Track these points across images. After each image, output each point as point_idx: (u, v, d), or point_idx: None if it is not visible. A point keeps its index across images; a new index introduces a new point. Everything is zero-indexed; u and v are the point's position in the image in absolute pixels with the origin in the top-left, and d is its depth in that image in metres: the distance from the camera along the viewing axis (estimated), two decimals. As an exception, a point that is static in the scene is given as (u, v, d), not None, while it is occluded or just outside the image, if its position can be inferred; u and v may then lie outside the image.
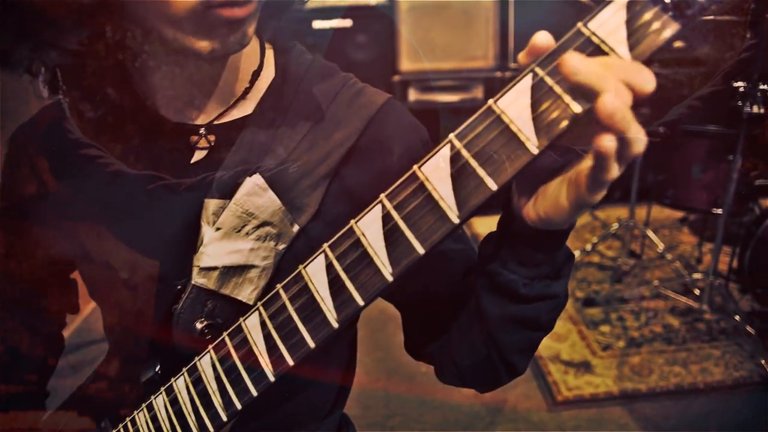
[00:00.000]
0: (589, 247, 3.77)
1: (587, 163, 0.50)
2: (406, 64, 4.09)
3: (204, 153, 0.78)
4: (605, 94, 0.45)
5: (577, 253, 3.74)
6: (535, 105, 0.51)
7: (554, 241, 0.62)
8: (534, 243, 0.62)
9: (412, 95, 4.17)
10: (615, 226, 3.70)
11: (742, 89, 2.73)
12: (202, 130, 0.77)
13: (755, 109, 2.62)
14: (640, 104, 0.50)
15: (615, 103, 0.44)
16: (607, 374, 2.84)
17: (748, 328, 2.96)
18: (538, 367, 2.88)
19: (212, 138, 0.77)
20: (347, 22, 3.84)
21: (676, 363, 2.89)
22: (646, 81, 0.45)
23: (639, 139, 0.47)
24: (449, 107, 4.14)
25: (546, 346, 3.03)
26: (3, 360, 0.94)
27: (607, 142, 0.46)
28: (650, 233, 3.55)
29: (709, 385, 2.73)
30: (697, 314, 3.19)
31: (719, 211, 2.99)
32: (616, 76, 0.45)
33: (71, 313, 1.07)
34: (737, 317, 3.02)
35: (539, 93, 0.50)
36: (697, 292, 3.29)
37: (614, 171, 0.48)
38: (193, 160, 0.78)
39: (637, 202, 3.52)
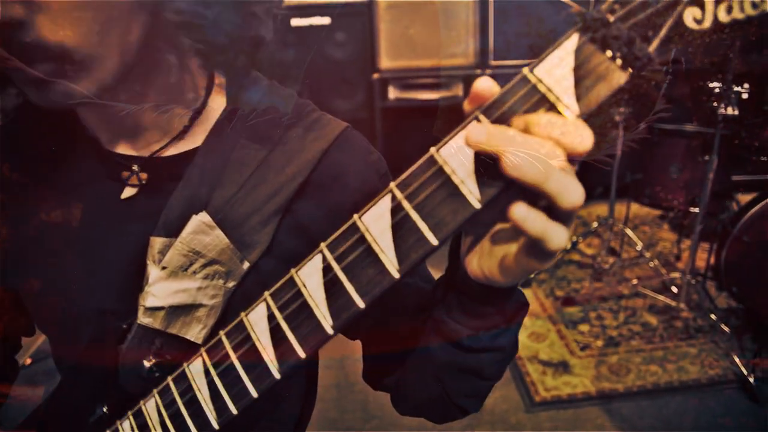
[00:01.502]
0: (568, 245, 3.79)
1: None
2: (385, 61, 4.06)
3: (134, 190, 0.75)
4: (514, 205, 0.45)
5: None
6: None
7: (501, 296, 0.60)
8: (479, 297, 0.60)
9: (392, 93, 4.15)
10: (595, 224, 3.72)
11: (717, 90, 2.75)
12: (135, 167, 0.75)
13: (730, 110, 2.64)
14: (576, 160, 0.49)
15: (521, 212, 0.45)
16: (585, 374, 2.86)
17: (723, 326, 3.00)
18: (516, 368, 2.89)
19: (144, 176, 0.75)
20: (326, 20, 3.80)
21: (653, 362, 2.92)
22: (581, 141, 0.44)
23: (560, 232, 0.46)
24: (429, 105, 4.12)
25: (525, 346, 3.05)
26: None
27: (530, 225, 0.45)
28: (629, 232, 3.57)
29: (684, 383, 2.76)
30: (675, 312, 3.22)
31: (696, 209, 3.02)
32: (551, 133, 0.44)
33: (26, 336, 1.05)
34: (713, 315, 3.05)
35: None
36: (675, 289, 3.32)
37: (553, 244, 0.46)
38: (123, 196, 0.75)
39: (617, 199, 3.54)
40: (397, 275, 0.51)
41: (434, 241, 0.50)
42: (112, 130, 0.74)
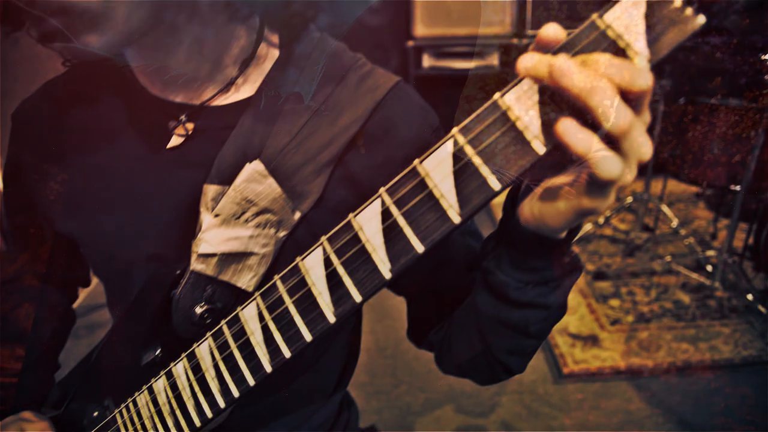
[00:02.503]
0: (601, 220, 3.73)
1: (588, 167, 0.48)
2: (420, 29, 4.00)
3: (180, 140, 0.75)
4: (560, 120, 0.44)
5: (589, 226, 3.70)
6: (543, 102, 0.48)
7: (551, 249, 0.59)
8: (529, 247, 0.59)
9: (426, 61, 4.09)
10: (629, 199, 3.65)
11: (768, 62, 2.64)
12: (182, 116, 0.75)
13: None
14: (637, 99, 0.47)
15: (567, 125, 0.44)
16: (615, 348, 2.84)
17: (760, 307, 2.93)
18: (545, 340, 2.89)
19: (190, 126, 0.75)
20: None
21: (685, 339, 2.88)
22: (640, 80, 0.42)
23: (608, 158, 0.45)
24: (463, 74, 4.06)
25: (554, 319, 3.04)
26: (15, 332, 0.95)
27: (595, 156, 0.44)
28: (665, 208, 3.50)
29: (716, 362, 2.73)
30: (709, 291, 3.16)
31: (737, 187, 2.93)
32: (608, 72, 0.43)
33: (82, 286, 1.08)
34: (750, 296, 2.99)
35: (548, 91, 0.48)
36: (709, 268, 3.25)
37: (607, 174, 0.45)
38: (169, 145, 0.75)
39: (654, 175, 3.46)
40: (457, 219, 0.50)
41: (496, 186, 0.49)
42: (161, 79, 0.74)
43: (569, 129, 0.44)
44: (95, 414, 0.80)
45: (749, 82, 2.80)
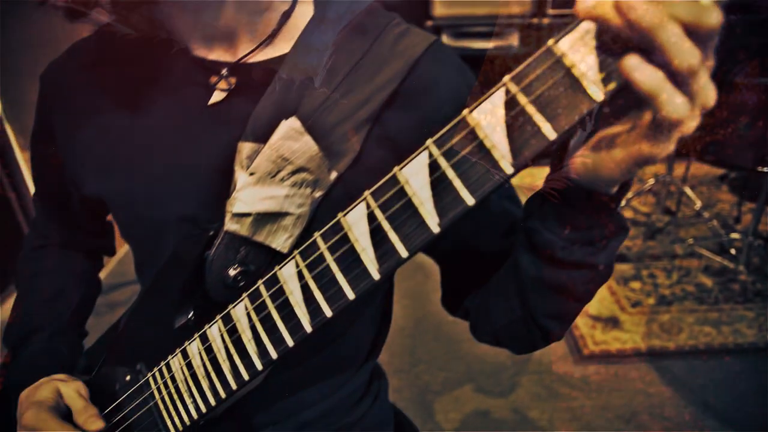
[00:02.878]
0: (623, 202, 3.68)
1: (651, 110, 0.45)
2: (439, 8, 3.94)
3: (223, 95, 0.74)
4: (626, 56, 0.42)
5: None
6: (600, 48, 0.46)
7: (601, 206, 0.57)
8: (578, 204, 0.57)
9: (445, 41, 4.03)
10: (651, 181, 3.59)
11: (800, 39, 2.56)
12: (223, 71, 0.73)
13: (813, 60, 2.46)
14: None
15: (633, 62, 0.42)
16: (635, 331, 2.81)
17: (785, 290, 2.89)
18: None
19: (233, 81, 0.73)
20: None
21: (707, 323, 2.84)
22: (712, 16, 0.40)
23: (676, 96, 0.43)
24: (482, 54, 4.00)
25: (574, 300, 3.01)
26: (43, 298, 0.95)
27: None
28: (688, 190, 3.44)
29: (740, 346, 2.69)
30: (732, 275, 3.11)
31: (765, 169, 2.87)
32: (673, 11, 0.40)
33: (107, 255, 1.08)
34: (775, 279, 2.94)
35: (606, 35, 0.45)
36: (733, 252, 3.20)
37: (674, 113, 0.43)
38: (211, 101, 0.74)
39: (676, 157, 3.40)
40: (510, 170, 0.48)
41: (552, 135, 0.47)
42: (200, 36, 0.73)
43: (637, 65, 0.41)
44: (127, 378, 0.79)
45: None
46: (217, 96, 0.73)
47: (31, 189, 3.43)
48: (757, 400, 2.41)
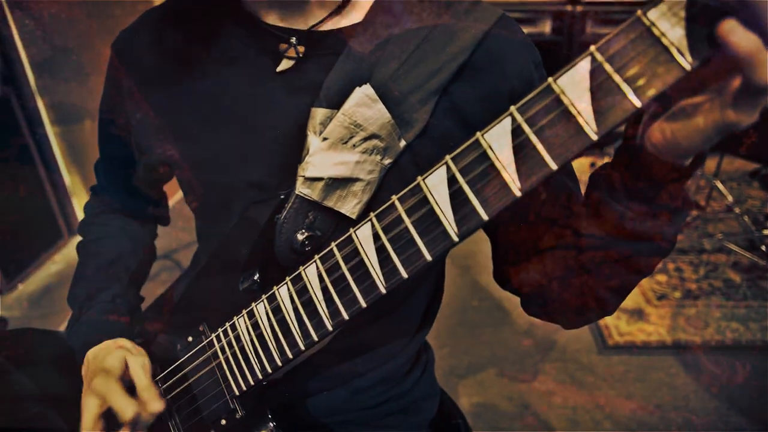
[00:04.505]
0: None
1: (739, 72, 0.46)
2: (472, -6, 3.91)
3: (291, 63, 0.75)
4: (724, 21, 0.43)
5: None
6: (690, 18, 0.47)
7: (674, 176, 0.57)
8: (651, 175, 0.57)
9: (476, 28, 4.01)
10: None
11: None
12: (292, 39, 0.75)
13: None
14: None
15: (731, 25, 0.42)
16: (661, 323, 2.80)
17: (816, 288, 2.85)
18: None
19: (301, 49, 0.75)
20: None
21: (735, 318, 2.82)
22: None
23: None
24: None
25: (599, 291, 3.00)
26: (105, 262, 0.98)
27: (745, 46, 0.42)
28: (719, 184, 3.40)
29: (768, 343, 2.67)
30: (762, 272, 3.08)
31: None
32: None
33: (162, 224, 1.11)
34: (805, 276, 2.91)
35: (696, 6, 0.46)
36: (763, 248, 3.16)
37: (763, 76, 0.43)
38: (279, 69, 0.76)
39: (709, 151, 3.36)
40: (594, 137, 0.49)
41: (638, 103, 0.48)
42: (273, 3, 0.74)
43: (734, 28, 0.42)
44: (190, 339, 0.82)
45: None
46: (285, 64, 0.74)
47: (65, 176, 3.52)
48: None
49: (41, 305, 3.17)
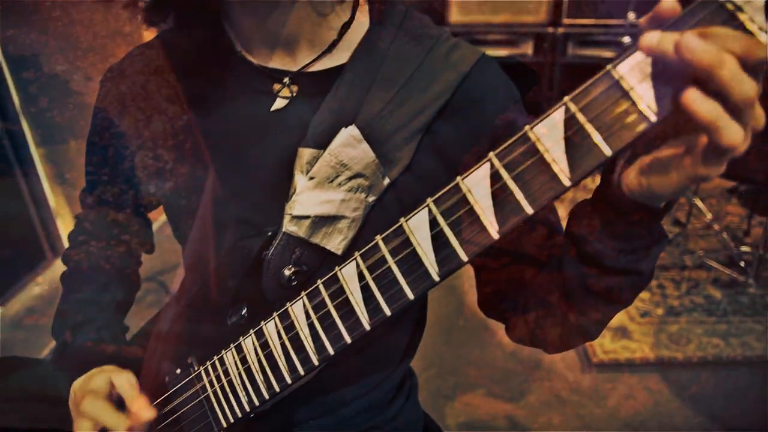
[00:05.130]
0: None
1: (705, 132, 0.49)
2: (455, 15, 3.99)
3: (285, 102, 0.78)
4: (687, 90, 0.45)
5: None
6: (657, 74, 0.50)
7: (649, 217, 0.60)
8: (629, 216, 0.60)
9: (460, 49, 4.08)
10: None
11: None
12: (285, 79, 0.77)
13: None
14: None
15: (693, 95, 0.44)
16: (644, 340, 2.84)
17: (795, 304, 2.91)
18: (575, 330, 2.89)
19: (295, 88, 0.77)
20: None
21: (716, 335, 2.87)
22: (757, 54, 0.43)
23: (732, 126, 0.45)
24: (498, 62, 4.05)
25: (583, 309, 3.04)
26: (89, 293, 0.99)
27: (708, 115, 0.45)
28: (698, 202, 3.47)
29: (748, 359, 2.71)
30: (742, 287, 3.14)
31: (776, 183, 2.90)
32: (725, 44, 0.44)
33: (147, 252, 1.12)
34: (784, 292, 2.97)
35: (662, 61, 0.49)
36: (743, 264, 3.23)
37: (725, 137, 0.46)
38: (273, 108, 0.78)
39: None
40: (568, 183, 0.52)
41: (608, 152, 0.51)
42: (262, 44, 0.77)
43: (696, 98, 0.44)
44: (178, 371, 0.83)
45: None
46: (279, 103, 0.76)
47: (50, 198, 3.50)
48: (765, 412, 2.43)
49: (24, 328, 3.13)
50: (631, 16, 3.52)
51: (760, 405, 2.47)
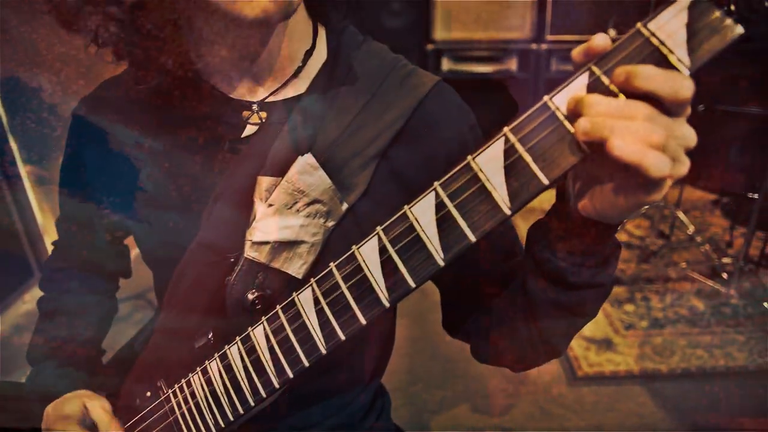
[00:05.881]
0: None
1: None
2: (440, 32, 4.04)
3: (255, 128, 0.80)
4: (612, 138, 0.47)
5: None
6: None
7: (605, 233, 0.62)
8: (584, 233, 0.62)
9: (446, 64, 4.13)
10: (645, 206, 3.66)
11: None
12: (254, 107, 0.79)
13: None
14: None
15: (617, 143, 0.46)
16: (629, 353, 2.86)
17: (776, 315, 2.94)
18: (559, 343, 2.91)
19: (264, 115, 0.80)
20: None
21: (699, 346, 2.89)
22: (683, 90, 0.46)
23: (660, 161, 0.47)
24: (482, 77, 4.10)
25: (569, 322, 3.06)
26: (65, 318, 1.00)
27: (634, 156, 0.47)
28: (681, 215, 3.51)
29: (731, 369, 2.73)
30: (724, 298, 3.17)
31: (755, 195, 2.94)
32: (650, 85, 0.46)
33: (124, 277, 1.13)
34: (766, 304, 3.00)
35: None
36: (725, 276, 3.26)
37: (654, 172, 0.47)
38: (243, 135, 0.80)
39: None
40: (508, 212, 0.54)
41: (545, 181, 0.53)
42: (233, 76, 0.79)
43: (619, 146, 0.46)
44: (148, 394, 0.84)
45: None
46: (249, 130, 0.79)
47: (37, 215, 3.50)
48: (748, 423, 2.45)
49: (10, 346, 3.11)
50: (612, 32, 3.59)
51: (743, 415, 2.49)
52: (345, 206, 0.75)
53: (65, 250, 1.06)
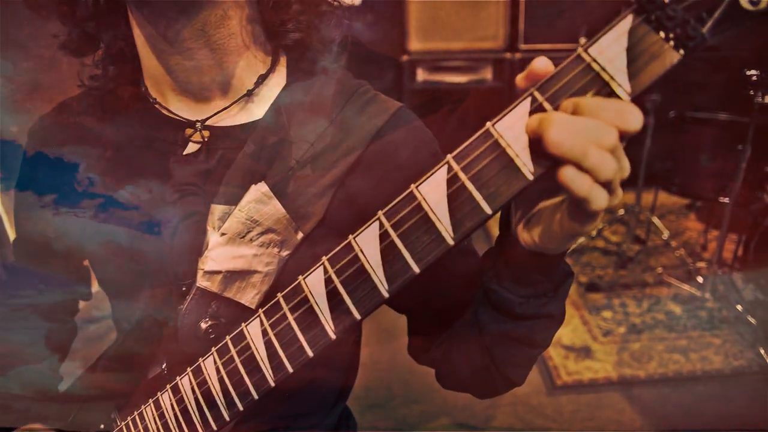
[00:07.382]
0: (594, 232, 3.77)
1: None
2: (415, 43, 4.05)
3: (197, 147, 0.79)
4: (563, 168, 0.47)
5: (581, 239, 3.74)
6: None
7: (550, 263, 0.62)
8: (529, 264, 0.62)
9: (421, 75, 4.14)
10: (621, 211, 3.69)
11: (754, 78, 2.70)
12: (198, 125, 0.78)
13: (767, 99, 2.60)
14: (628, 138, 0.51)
15: (570, 174, 0.47)
16: (607, 360, 2.87)
17: (750, 318, 2.97)
18: (538, 352, 2.91)
19: (207, 134, 0.78)
20: (357, 0, 3.80)
21: (676, 350, 2.91)
22: (631, 121, 0.46)
23: (600, 195, 0.48)
24: (457, 88, 4.12)
25: (547, 330, 3.06)
26: (19, 344, 0.97)
27: (577, 185, 0.47)
28: (656, 220, 3.54)
29: (707, 373, 2.76)
30: (700, 302, 3.20)
31: (726, 199, 2.99)
32: (600, 115, 0.46)
33: (83, 300, 1.10)
34: (739, 306, 3.03)
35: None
36: (700, 279, 3.30)
37: (594, 206, 0.48)
38: (185, 152, 0.79)
39: (644, 187, 3.51)
40: (451, 242, 0.53)
41: (488, 210, 0.52)
42: (175, 92, 0.77)
43: (570, 175, 0.47)
44: (102, 426, 0.82)
45: (736, 96, 2.86)
46: (191, 147, 0.77)
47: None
48: (725, 426, 2.47)
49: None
50: (582, 41, 3.62)
51: (718, 419, 2.51)
52: (300, 235, 0.74)
53: (20, 271, 1.03)
